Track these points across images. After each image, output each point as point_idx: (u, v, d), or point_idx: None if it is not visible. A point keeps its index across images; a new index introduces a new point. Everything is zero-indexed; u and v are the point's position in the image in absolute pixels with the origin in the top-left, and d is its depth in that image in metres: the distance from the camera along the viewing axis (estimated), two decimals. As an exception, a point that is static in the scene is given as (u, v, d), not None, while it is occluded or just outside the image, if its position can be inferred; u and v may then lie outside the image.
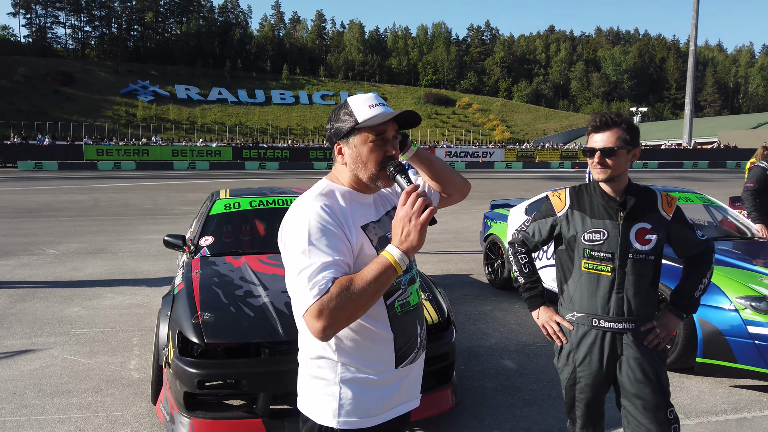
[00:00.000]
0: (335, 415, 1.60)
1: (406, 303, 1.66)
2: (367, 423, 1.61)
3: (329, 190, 1.66)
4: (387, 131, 1.62)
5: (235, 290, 3.76)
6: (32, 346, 4.92)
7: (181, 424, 3.18)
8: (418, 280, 1.79)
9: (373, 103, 1.61)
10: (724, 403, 3.93)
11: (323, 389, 1.62)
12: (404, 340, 1.65)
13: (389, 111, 1.62)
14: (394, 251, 1.49)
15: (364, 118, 1.60)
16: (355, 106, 1.62)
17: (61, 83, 75.88)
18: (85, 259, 8.64)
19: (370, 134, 1.60)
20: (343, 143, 1.65)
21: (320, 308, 1.43)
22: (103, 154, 39.68)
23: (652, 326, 2.32)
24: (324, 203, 1.58)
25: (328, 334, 1.46)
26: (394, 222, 1.51)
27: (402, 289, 1.66)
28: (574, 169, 42.73)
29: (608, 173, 2.27)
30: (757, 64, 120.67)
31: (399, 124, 1.67)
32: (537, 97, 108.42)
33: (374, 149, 1.61)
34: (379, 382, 1.62)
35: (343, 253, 1.53)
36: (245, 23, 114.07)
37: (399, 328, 1.64)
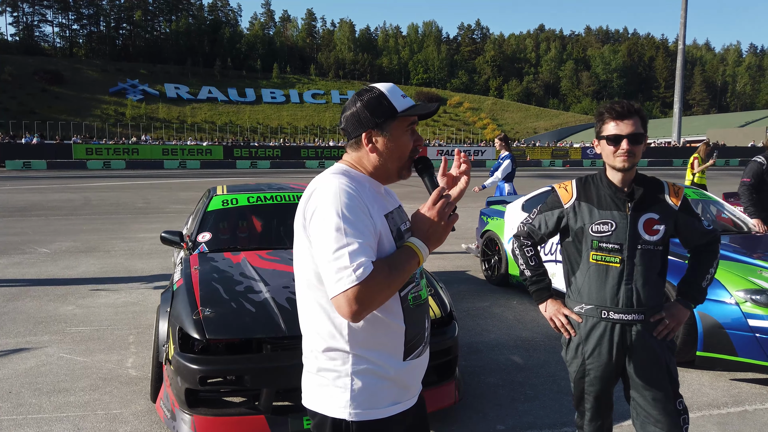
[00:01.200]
0: (347, 406, 1.57)
1: (418, 296, 1.66)
2: (379, 414, 1.59)
3: (349, 172, 1.63)
4: (414, 125, 1.64)
5: (236, 286, 3.72)
6: (27, 345, 4.85)
7: (182, 421, 3.14)
8: (424, 276, 1.79)
9: (403, 94, 1.63)
10: (725, 396, 3.94)
11: (334, 381, 1.59)
12: (414, 333, 1.64)
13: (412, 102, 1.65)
14: (421, 245, 1.52)
15: (403, 108, 1.60)
16: (391, 95, 1.61)
17: (49, 82, 75.14)
18: (78, 257, 8.55)
19: (405, 124, 1.62)
20: (376, 131, 1.61)
21: (360, 291, 1.41)
22: (92, 154, 39.32)
23: (661, 317, 2.31)
24: (350, 184, 1.55)
25: (361, 317, 1.46)
26: (421, 217, 1.54)
27: (416, 282, 1.66)
28: (565, 167, 42.91)
29: (634, 161, 2.23)
30: (745, 63, 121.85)
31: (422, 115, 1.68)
32: (527, 96, 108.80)
33: (409, 139, 1.63)
34: (388, 373, 1.59)
35: (373, 235, 1.51)
36: (235, 22, 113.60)
37: (410, 321, 1.63)
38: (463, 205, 15.99)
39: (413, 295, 1.64)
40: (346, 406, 1.57)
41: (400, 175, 1.67)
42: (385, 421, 1.60)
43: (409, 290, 1.63)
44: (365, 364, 1.57)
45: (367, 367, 1.58)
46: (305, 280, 1.61)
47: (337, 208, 1.48)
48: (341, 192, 1.50)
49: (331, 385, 1.59)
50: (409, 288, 1.63)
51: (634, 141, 2.21)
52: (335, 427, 1.58)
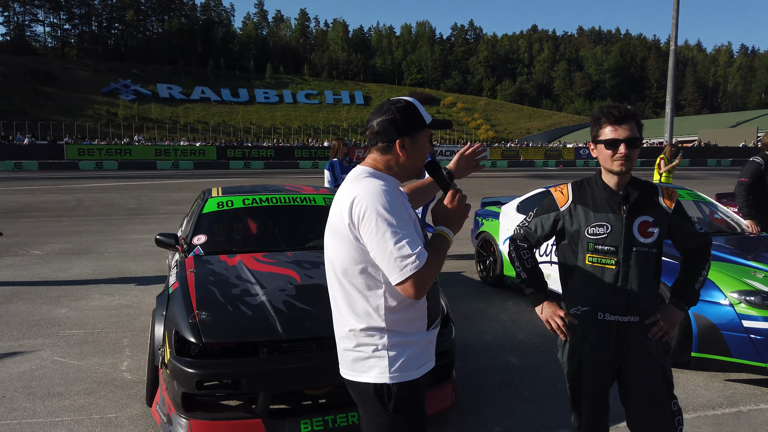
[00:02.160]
0: (386, 372, 1.85)
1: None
2: (412, 376, 1.88)
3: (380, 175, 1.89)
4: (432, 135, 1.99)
5: (232, 289, 3.70)
6: (20, 348, 4.81)
7: (179, 425, 3.12)
8: None
9: (424, 108, 1.94)
10: (719, 397, 3.96)
11: (373, 353, 1.86)
12: (433, 307, 1.95)
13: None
14: (449, 231, 1.85)
15: (429, 121, 1.92)
16: (421, 109, 1.92)
17: (41, 82, 74.69)
18: (71, 259, 8.50)
19: (428, 134, 1.93)
20: (409, 139, 1.88)
21: (422, 274, 1.70)
22: (84, 154, 39.06)
23: (656, 319, 2.32)
24: (386, 185, 1.81)
25: (424, 295, 1.75)
26: (443, 209, 1.86)
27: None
28: (558, 167, 43.06)
29: (631, 165, 2.25)
30: (736, 64, 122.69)
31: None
32: (521, 96, 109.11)
33: (429, 147, 1.94)
34: (416, 342, 1.89)
35: (414, 227, 1.81)
36: (228, 22, 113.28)
37: (430, 297, 1.92)
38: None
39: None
40: (385, 372, 1.85)
41: (419, 175, 1.98)
42: (417, 382, 1.90)
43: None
44: (399, 337, 1.86)
45: (400, 340, 1.87)
46: (341, 269, 1.87)
47: (385, 208, 1.74)
48: (383, 193, 1.76)
49: (372, 357, 1.87)
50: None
51: (631, 145, 2.22)
52: (377, 391, 1.86)
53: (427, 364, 1.95)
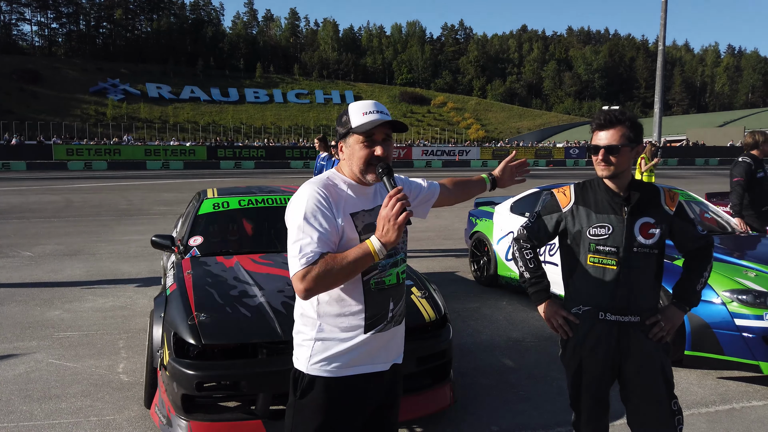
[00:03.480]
0: (307, 362, 1.94)
1: (381, 282, 1.95)
2: (330, 373, 1.92)
3: (331, 179, 1.97)
4: (375, 135, 1.91)
5: (230, 290, 3.71)
6: (15, 351, 4.78)
7: (179, 426, 3.12)
8: (403, 266, 2.06)
9: (367, 111, 1.91)
10: (713, 395, 4.02)
11: (302, 341, 1.97)
12: (374, 312, 1.94)
13: (382, 118, 1.90)
14: (375, 242, 1.77)
15: (357, 124, 1.90)
16: (351, 113, 1.92)
17: (27, 81, 73.86)
18: (63, 261, 8.44)
19: (361, 137, 1.90)
20: (343, 143, 1.98)
21: (304, 274, 1.77)
22: (73, 154, 38.77)
23: (657, 320, 2.36)
24: (320, 188, 1.89)
25: (307, 295, 1.81)
26: (378, 218, 1.78)
27: (379, 270, 1.94)
28: (549, 167, 43.28)
29: (612, 170, 2.31)
30: (723, 64, 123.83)
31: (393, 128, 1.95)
32: (511, 96, 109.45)
33: (362, 149, 1.90)
34: (346, 342, 1.92)
35: (330, 232, 1.83)
36: (217, 21, 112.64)
37: (370, 301, 1.93)
38: (448, 206, 16.18)
39: (375, 281, 1.94)
40: (306, 362, 1.94)
41: (364, 178, 1.94)
42: (336, 381, 1.92)
43: (372, 276, 1.93)
44: (327, 333, 1.93)
45: (327, 335, 1.93)
46: None
47: (301, 212, 1.85)
48: (308, 198, 1.86)
49: (301, 344, 1.98)
50: (372, 274, 1.93)
51: (609, 151, 2.29)
52: (295, 377, 1.98)
53: (361, 367, 1.94)
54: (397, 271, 2.00)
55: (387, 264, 1.95)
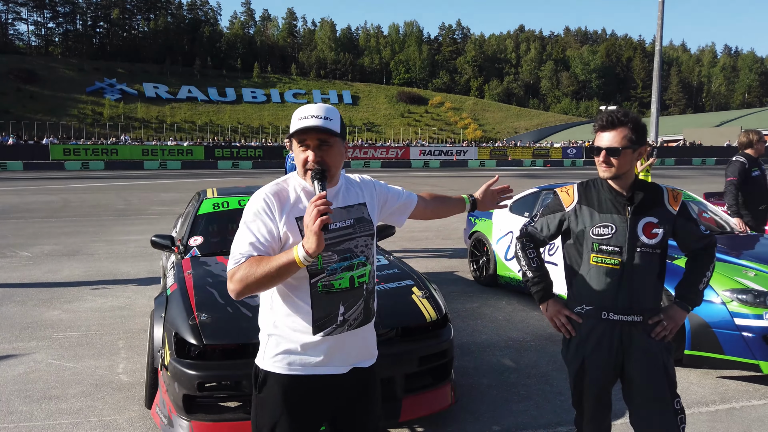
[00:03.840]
0: (262, 357, 2.00)
1: (329, 285, 1.94)
2: (280, 369, 1.95)
3: (286, 182, 2.01)
4: (307, 140, 1.91)
5: (231, 290, 3.70)
6: (14, 351, 4.77)
7: (180, 427, 3.12)
8: (362, 270, 2.01)
9: (304, 116, 1.91)
10: (712, 394, 4.03)
11: (260, 336, 2.04)
12: (322, 315, 1.94)
13: (308, 124, 1.89)
14: (300, 250, 1.76)
15: (292, 130, 1.93)
16: (293, 118, 1.95)
17: (24, 81, 73.62)
18: (61, 261, 8.42)
19: (296, 141, 1.94)
20: (290, 145, 2.04)
21: (232, 274, 1.83)
22: (70, 154, 38.65)
23: (660, 319, 2.37)
24: (267, 193, 1.94)
25: (236, 295, 1.85)
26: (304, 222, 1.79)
27: (328, 273, 1.93)
28: (546, 167, 43.33)
29: (613, 172, 2.32)
30: (719, 64, 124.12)
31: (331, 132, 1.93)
32: (508, 96, 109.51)
33: (300, 153, 1.93)
34: (297, 341, 1.94)
35: (266, 236, 1.87)
36: (215, 21, 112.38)
37: (318, 304, 1.93)
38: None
39: (323, 284, 1.93)
40: (262, 357, 2.01)
41: (308, 181, 1.96)
42: (290, 377, 1.95)
43: (319, 279, 1.93)
44: (280, 330, 1.97)
45: (281, 332, 1.96)
46: None
47: (244, 216, 1.94)
48: (253, 203, 1.94)
49: (260, 340, 2.05)
50: (319, 277, 1.93)
51: (610, 153, 2.30)
52: (254, 372, 2.04)
53: (314, 368, 1.95)
54: (353, 275, 1.97)
55: (338, 267, 1.94)
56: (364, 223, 2.04)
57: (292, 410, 1.95)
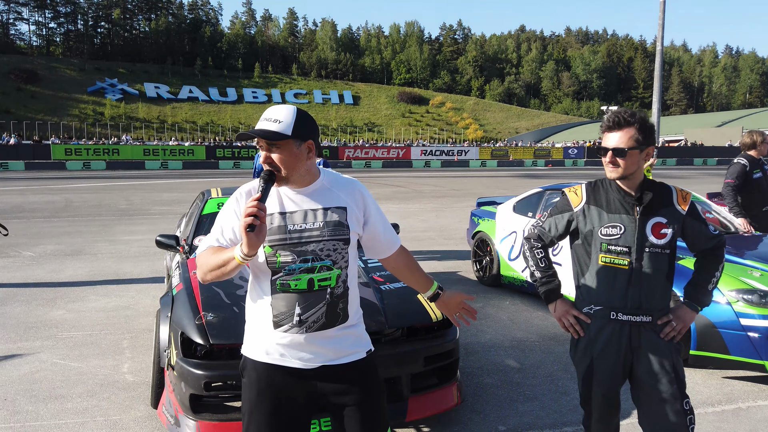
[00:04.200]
0: (244, 344, 2.14)
1: (285, 284, 1.97)
2: (255, 357, 2.05)
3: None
4: (260, 141, 1.94)
5: (237, 290, 3.70)
6: (18, 351, 4.77)
7: (187, 426, 3.12)
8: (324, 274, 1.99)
9: (264, 117, 1.94)
10: (718, 395, 4.02)
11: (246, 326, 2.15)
12: (279, 312, 1.99)
13: (259, 128, 1.92)
14: (237, 249, 1.82)
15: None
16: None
17: (25, 81, 73.76)
18: (64, 260, 8.42)
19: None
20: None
21: (196, 260, 2.01)
22: (71, 154, 38.73)
23: (669, 319, 2.36)
24: (241, 191, 2.04)
25: (200, 279, 1.99)
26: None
27: (285, 273, 1.96)
28: (548, 167, 43.33)
29: (620, 172, 2.32)
30: (720, 64, 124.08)
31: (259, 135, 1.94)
32: (509, 96, 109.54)
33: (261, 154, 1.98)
34: (262, 333, 2.04)
35: (232, 230, 1.99)
36: (216, 21, 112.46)
37: (276, 301, 1.99)
38: (452, 205, 16.09)
39: (280, 282, 1.98)
40: (244, 344, 2.14)
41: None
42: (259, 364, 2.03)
43: (278, 277, 1.98)
44: (251, 319, 2.09)
45: (252, 321, 2.09)
46: None
47: (222, 209, 2.07)
48: (229, 199, 2.06)
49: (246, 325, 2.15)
50: (278, 276, 1.98)
51: (616, 153, 2.30)
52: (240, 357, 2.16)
53: (277, 358, 2.01)
54: (313, 277, 1.96)
55: (297, 268, 1.95)
56: (338, 228, 2.00)
57: (265, 396, 2.02)
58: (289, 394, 2.03)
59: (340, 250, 2.00)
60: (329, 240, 1.98)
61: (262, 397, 2.02)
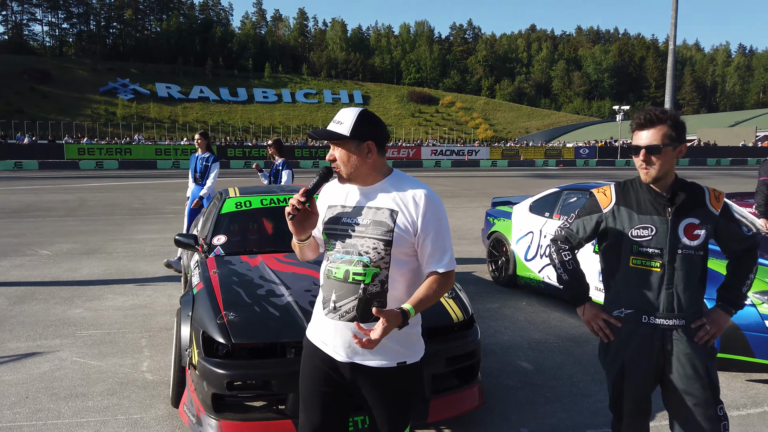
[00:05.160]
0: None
1: (329, 271, 2.15)
2: (310, 336, 2.24)
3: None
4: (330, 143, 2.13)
5: (257, 290, 3.70)
6: (38, 349, 4.80)
7: (209, 425, 3.11)
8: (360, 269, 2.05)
9: (335, 121, 2.08)
10: (743, 398, 3.96)
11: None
12: (324, 295, 2.17)
13: (329, 130, 2.07)
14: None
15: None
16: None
17: (38, 81, 74.51)
18: (80, 259, 8.47)
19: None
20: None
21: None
22: (84, 153, 39.04)
23: (703, 323, 2.30)
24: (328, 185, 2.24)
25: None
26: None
27: (330, 260, 2.15)
28: (559, 167, 43.09)
29: (654, 173, 2.24)
30: (734, 64, 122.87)
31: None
32: (519, 96, 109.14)
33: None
34: (316, 314, 2.24)
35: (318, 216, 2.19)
36: (226, 21, 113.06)
37: (323, 284, 2.20)
38: (464, 205, 15.95)
39: (327, 268, 2.17)
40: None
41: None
42: (308, 342, 2.24)
43: (327, 263, 2.18)
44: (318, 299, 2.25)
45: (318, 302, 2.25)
46: None
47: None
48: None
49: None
50: (326, 262, 2.19)
51: (650, 151, 2.22)
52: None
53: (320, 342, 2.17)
54: (349, 269, 2.06)
55: (339, 258, 2.11)
56: (381, 227, 2.03)
57: (305, 368, 2.22)
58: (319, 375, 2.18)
59: (380, 250, 2.05)
60: (371, 238, 2.06)
61: (304, 369, 2.22)
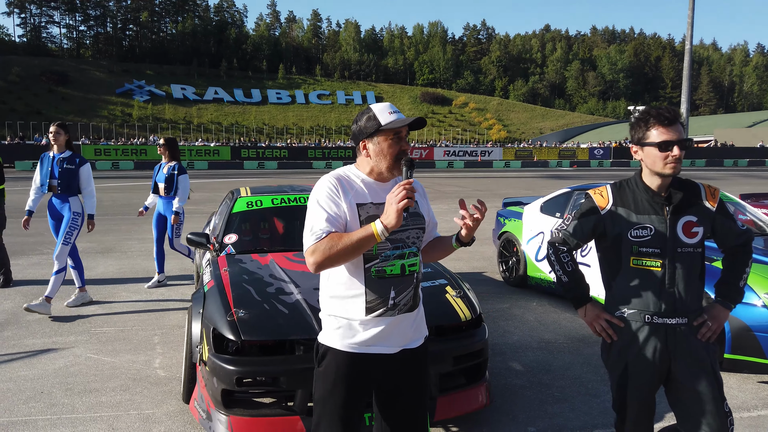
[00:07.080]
0: (323, 334, 2.20)
1: (381, 270, 2.11)
2: (335, 345, 2.14)
3: (346, 172, 2.18)
4: (401, 132, 2.13)
5: (267, 287, 3.75)
6: (54, 345, 4.89)
7: (219, 421, 3.16)
8: (412, 260, 2.18)
9: (391, 111, 2.12)
10: (754, 399, 3.94)
11: (322, 316, 2.23)
12: (373, 298, 2.10)
13: (402, 117, 2.12)
14: (378, 224, 1.95)
15: (386, 122, 2.09)
16: (378, 112, 2.11)
17: (56, 83, 75.50)
18: (96, 258, 8.60)
19: (390, 134, 2.10)
20: (368, 141, 2.14)
21: (313, 250, 2.00)
22: (101, 154, 39.52)
23: (704, 320, 2.31)
24: (332, 178, 2.12)
25: (316, 269, 2.02)
26: (386, 202, 1.98)
27: (381, 259, 2.10)
28: (573, 167, 42.82)
29: (680, 166, 2.25)
30: (752, 63, 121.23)
31: (409, 125, 2.14)
32: (533, 96, 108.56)
33: (392, 145, 2.10)
34: (351, 322, 2.12)
35: (338, 214, 2.06)
36: (241, 23, 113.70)
37: (370, 287, 2.11)
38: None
39: (376, 269, 2.11)
40: (323, 334, 2.21)
41: (391, 173, 2.15)
42: (344, 354, 2.13)
43: (373, 264, 2.10)
44: (338, 311, 2.15)
45: (338, 313, 2.15)
46: None
47: (315, 197, 2.11)
48: (321, 185, 2.11)
49: (322, 319, 2.24)
50: (374, 263, 2.10)
51: (684, 146, 2.22)
52: (315, 348, 2.24)
53: (365, 347, 2.12)
54: (404, 263, 2.14)
55: (391, 255, 2.11)
56: (417, 217, 2.21)
57: (344, 383, 2.14)
58: (366, 379, 2.18)
59: (420, 238, 2.23)
60: (413, 228, 2.18)
61: (338, 386, 2.14)
